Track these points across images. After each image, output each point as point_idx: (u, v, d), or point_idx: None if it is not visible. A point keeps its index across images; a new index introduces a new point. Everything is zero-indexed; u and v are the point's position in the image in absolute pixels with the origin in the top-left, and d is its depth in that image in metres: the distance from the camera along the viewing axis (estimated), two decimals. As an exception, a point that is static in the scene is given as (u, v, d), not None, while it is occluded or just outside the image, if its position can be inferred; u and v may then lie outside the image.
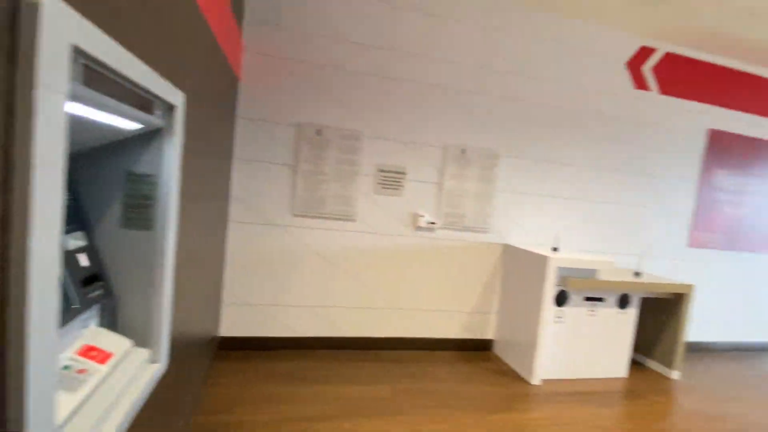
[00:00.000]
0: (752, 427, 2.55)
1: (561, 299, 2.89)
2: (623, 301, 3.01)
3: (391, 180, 2.99)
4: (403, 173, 3.00)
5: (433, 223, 3.07)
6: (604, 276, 2.94)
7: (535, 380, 2.81)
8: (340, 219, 2.92)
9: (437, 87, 2.99)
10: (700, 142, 3.69)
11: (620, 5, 2.91)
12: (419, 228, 3.07)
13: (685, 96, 3.57)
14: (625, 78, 3.38)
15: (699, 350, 3.91)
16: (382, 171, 2.97)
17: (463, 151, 3.10)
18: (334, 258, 2.94)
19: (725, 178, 3.83)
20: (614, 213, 3.53)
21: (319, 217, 2.88)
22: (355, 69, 2.83)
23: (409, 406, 2.35)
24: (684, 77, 3.55)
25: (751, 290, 4.04)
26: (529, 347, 2.86)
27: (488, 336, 3.32)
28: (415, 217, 3.05)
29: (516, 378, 2.89)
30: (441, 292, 3.19)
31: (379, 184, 2.97)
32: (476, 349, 3.30)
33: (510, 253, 3.19)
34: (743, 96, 3.79)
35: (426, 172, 3.05)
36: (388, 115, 2.93)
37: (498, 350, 3.26)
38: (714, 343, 3.97)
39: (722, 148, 3.77)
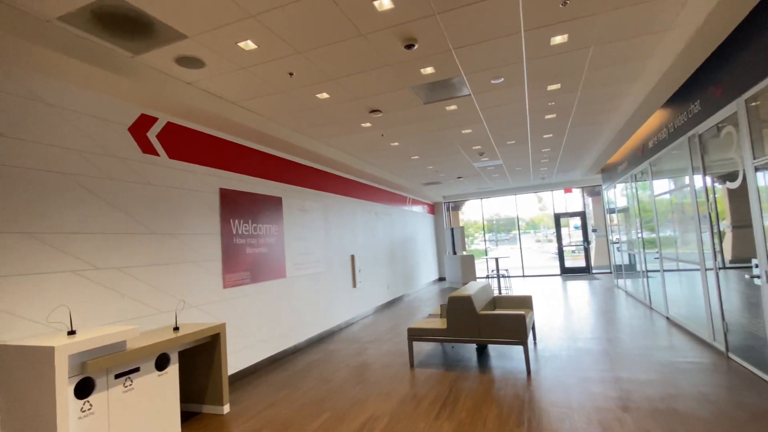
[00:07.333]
0: (282, 420, 3.19)
1: (86, 388, 2.48)
2: (161, 362, 2.99)
3: None
4: None
5: None
6: (134, 344, 2.80)
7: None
8: None
9: None
10: (215, 199, 4.37)
11: (103, 75, 2.93)
12: None
13: (194, 161, 4.12)
14: (131, 143, 3.46)
15: (248, 374, 4.57)
16: None
17: None
18: None
19: (241, 226, 4.73)
20: (150, 275, 3.50)
21: None
22: None
23: None
24: (189, 144, 4.08)
25: (276, 309, 5.19)
26: (47, 468, 2.25)
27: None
28: None
29: None
30: None
31: None
32: None
33: (9, 357, 2.43)
34: (243, 161, 4.86)
35: None
36: None
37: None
38: (260, 362, 4.78)
39: (233, 202, 4.64)
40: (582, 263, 12.88)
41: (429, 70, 3.72)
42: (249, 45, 3.04)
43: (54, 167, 2.87)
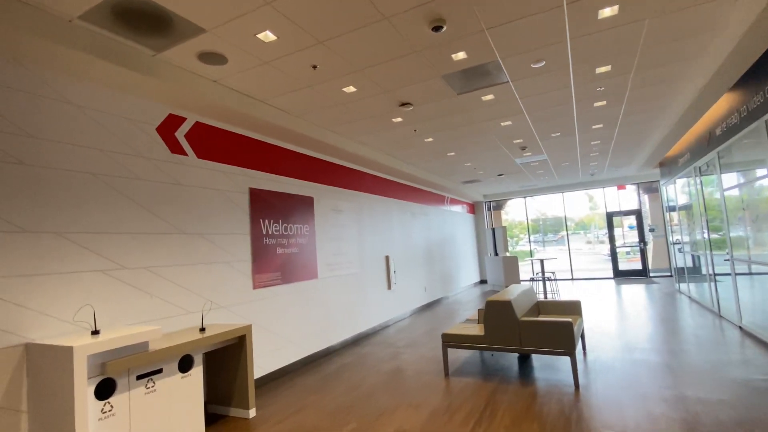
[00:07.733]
0: (307, 428, 3.06)
1: (107, 389, 2.46)
2: (185, 363, 2.94)
3: None
4: None
5: None
6: (158, 345, 2.76)
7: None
8: None
9: None
10: (245, 199, 4.33)
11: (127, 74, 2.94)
12: None
13: (223, 160, 4.11)
14: (159, 143, 3.47)
15: (278, 377, 4.49)
16: None
17: None
18: None
19: (271, 226, 4.68)
20: (178, 275, 3.49)
21: None
22: None
23: None
24: (218, 144, 4.07)
25: (307, 311, 5.10)
26: (66, 469, 2.23)
27: (17, 478, 2.39)
28: None
29: None
30: None
31: None
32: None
33: (36, 355, 2.45)
34: (272, 161, 4.81)
35: None
36: None
37: (35, 491, 2.40)
38: (291, 365, 4.69)
39: (263, 202, 4.60)
40: (638, 266, 11.90)
41: (461, 55, 3.45)
42: (269, 36, 2.93)
43: (83, 168, 2.90)
